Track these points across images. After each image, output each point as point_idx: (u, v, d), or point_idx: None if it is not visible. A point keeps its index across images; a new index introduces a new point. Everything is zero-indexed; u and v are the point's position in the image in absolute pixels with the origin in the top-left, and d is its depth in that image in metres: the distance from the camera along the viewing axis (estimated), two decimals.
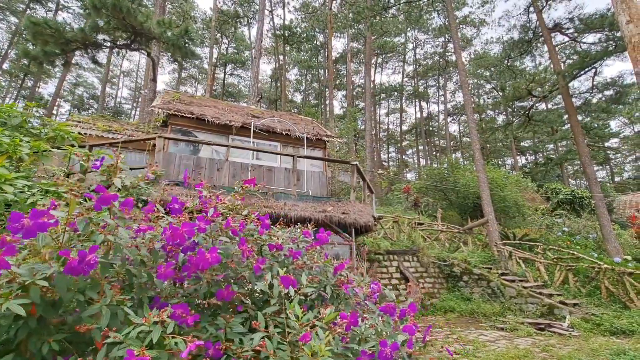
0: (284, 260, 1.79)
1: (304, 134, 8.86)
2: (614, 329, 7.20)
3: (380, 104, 54.92)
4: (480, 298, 10.59)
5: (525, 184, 26.53)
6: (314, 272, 1.85)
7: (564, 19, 18.23)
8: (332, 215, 6.17)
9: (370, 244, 11.92)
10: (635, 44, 8.14)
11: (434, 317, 10.12)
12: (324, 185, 8.81)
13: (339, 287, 1.83)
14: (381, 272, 11.18)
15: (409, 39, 46.90)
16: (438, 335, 7.71)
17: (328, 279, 1.82)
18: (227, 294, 1.38)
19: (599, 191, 14.96)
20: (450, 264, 11.93)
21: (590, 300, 8.98)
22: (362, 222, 6.36)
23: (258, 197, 6.23)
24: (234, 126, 8.25)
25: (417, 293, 11.06)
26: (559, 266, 10.22)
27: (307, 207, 6.24)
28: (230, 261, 1.39)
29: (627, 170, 53.27)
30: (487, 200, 13.05)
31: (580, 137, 15.72)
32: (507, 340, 7.14)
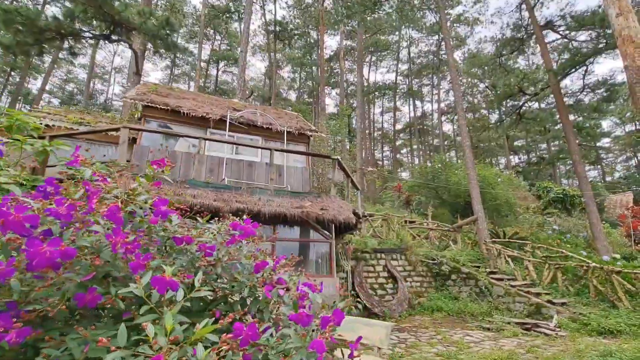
0: (193, 257, 1.49)
1: (284, 127, 8.54)
2: (601, 329, 7.01)
3: (374, 103, 54.76)
4: (468, 297, 10.38)
5: (517, 183, 26.51)
6: (231, 270, 1.55)
7: (556, 17, 18.12)
8: (309, 211, 5.88)
9: (357, 242, 11.65)
10: (625, 38, 7.95)
11: (421, 317, 9.89)
12: (307, 181, 8.51)
13: (260, 288, 1.52)
14: (368, 271, 10.91)
15: (403, 37, 46.71)
16: (423, 336, 7.47)
17: (246, 280, 1.51)
18: (91, 298, 1.08)
19: (589, 190, 14.85)
20: (439, 263, 11.71)
21: (579, 299, 8.81)
22: (342, 218, 6.07)
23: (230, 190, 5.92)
24: (212, 119, 7.90)
25: (404, 292, 10.83)
26: (547, 265, 10.04)
27: (283, 203, 5.94)
28: (95, 257, 1.08)
29: (618, 170, 53.70)
30: (476, 198, 12.86)
31: (572, 135, 15.61)
32: (492, 341, 6.92)
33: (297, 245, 6.37)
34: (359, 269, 10.59)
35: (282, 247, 6.19)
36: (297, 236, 6.65)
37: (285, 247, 6.21)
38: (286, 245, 6.22)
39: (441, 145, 50.43)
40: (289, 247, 6.27)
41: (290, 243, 6.27)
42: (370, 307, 9.76)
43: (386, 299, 10.65)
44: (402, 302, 10.44)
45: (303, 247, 6.50)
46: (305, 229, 6.70)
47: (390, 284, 11.02)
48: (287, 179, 8.46)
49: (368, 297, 10.03)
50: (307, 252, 6.51)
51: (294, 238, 6.27)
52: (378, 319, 9.70)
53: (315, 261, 6.55)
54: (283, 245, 6.18)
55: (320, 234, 6.52)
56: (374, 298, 10.18)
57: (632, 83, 7.57)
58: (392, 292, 10.88)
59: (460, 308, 9.75)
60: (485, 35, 54.32)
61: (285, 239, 6.20)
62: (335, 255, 10.13)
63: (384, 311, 9.76)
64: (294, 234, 6.55)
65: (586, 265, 9.01)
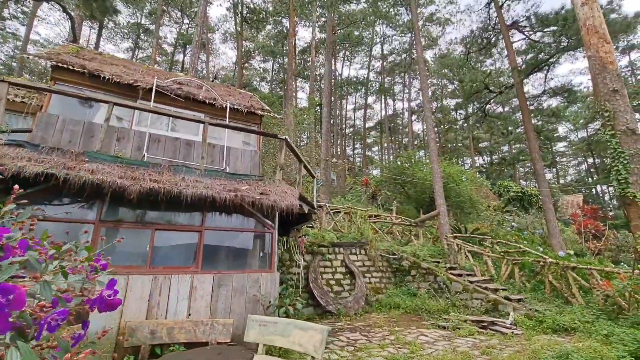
0: None
1: (227, 102, 7.52)
2: (556, 326, 6.74)
3: (347, 99, 54.41)
4: (426, 293, 9.97)
5: (480, 182, 27.15)
6: None
7: (521, 17, 18.35)
8: (245, 195, 4.98)
9: (314, 235, 10.90)
10: (589, 28, 7.74)
11: (377, 315, 9.33)
12: (257, 166, 7.56)
13: None
14: (324, 266, 10.20)
15: (377, 34, 46.59)
16: (375, 336, 6.84)
17: None
18: None
19: (546, 187, 15.12)
20: (400, 258, 11.25)
21: (534, 295, 8.62)
22: (285, 204, 5.24)
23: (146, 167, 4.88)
24: (141, 88, 6.71)
25: (362, 288, 10.25)
26: (505, 260, 9.85)
27: (213, 185, 5.00)
28: None
29: (570, 174, 57.33)
30: (439, 192, 12.55)
31: (532, 133, 15.81)
32: (446, 341, 6.41)
33: (230, 235, 5.44)
34: (314, 263, 9.84)
35: (212, 237, 5.24)
36: (239, 226, 5.71)
37: (215, 237, 5.27)
38: (217, 235, 5.28)
39: (410, 143, 51.12)
40: (220, 238, 5.34)
41: (222, 233, 5.33)
42: (324, 305, 9.06)
43: (342, 295, 10.00)
44: (358, 299, 9.84)
45: (238, 238, 5.58)
46: (248, 218, 5.78)
47: (347, 279, 10.38)
48: (233, 163, 7.47)
49: (322, 294, 9.31)
50: (244, 243, 5.61)
51: (223, 226, 5.33)
52: (332, 317, 9.04)
53: (256, 255, 5.66)
54: (212, 235, 5.24)
55: (260, 222, 5.64)
56: (329, 295, 9.48)
57: (595, 73, 7.34)
58: (349, 288, 10.25)
59: (418, 305, 9.30)
60: (455, 37, 55.56)
61: (213, 227, 5.25)
62: (288, 249, 9.33)
63: (339, 309, 9.09)
64: (234, 223, 5.61)
65: (543, 260, 8.85)
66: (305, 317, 8.80)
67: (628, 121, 6.73)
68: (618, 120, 6.81)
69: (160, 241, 4.82)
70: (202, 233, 5.09)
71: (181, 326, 4.38)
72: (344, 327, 7.68)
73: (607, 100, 7.04)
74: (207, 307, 4.71)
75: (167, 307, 4.47)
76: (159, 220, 4.88)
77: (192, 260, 4.96)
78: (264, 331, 4.38)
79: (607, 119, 6.95)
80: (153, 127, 7.15)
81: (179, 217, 5.06)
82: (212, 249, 5.17)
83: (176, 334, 4.30)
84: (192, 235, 5.05)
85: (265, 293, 5.20)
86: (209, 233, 5.20)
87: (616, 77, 7.07)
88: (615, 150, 6.71)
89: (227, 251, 5.36)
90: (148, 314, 4.35)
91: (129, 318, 4.20)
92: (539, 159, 15.83)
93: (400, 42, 46.70)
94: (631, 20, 15.84)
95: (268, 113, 8.10)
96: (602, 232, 19.99)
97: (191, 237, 5.05)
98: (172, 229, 4.95)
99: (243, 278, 5.13)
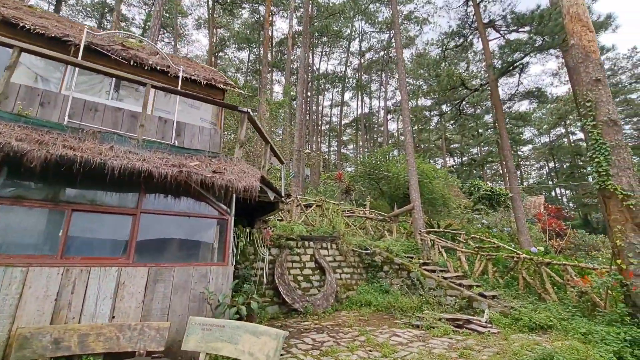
0: None
1: (188, 73, 6.51)
2: (532, 324, 6.41)
3: (324, 95, 53.74)
4: (399, 290, 9.48)
5: (452, 180, 27.50)
6: None
7: (498, 16, 18.46)
8: (192, 171, 4.08)
9: (283, 227, 10.09)
10: (573, 15, 7.49)
11: (348, 313, 8.71)
12: (217, 146, 6.63)
13: None
14: (292, 261, 9.43)
15: (356, 30, 46.24)
16: (344, 337, 6.18)
17: None
18: None
19: (517, 185, 15.23)
20: (372, 253, 10.71)
21: (508, 291, 8.35)
22: (242, 185, 4.40)
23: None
24: (72, 43, 5.54)
25: (332, 285, 9.59)
26: (479, 256, 9.57)
27: (152, 158, 4.06)
28: None
29: (533, 177, 60.35)
30: (414, 186, 12.15)
31: (505, 130, 15.89)
32: (421, 342, 5.87)
33: (175, 221, 4.51)
34: (281, 258, 9.04)
35: (151, 222, 4.29)
36: (187, 210, 4.77)
37: (155, 223, 4.33)
38: (157, 221, 4.33)
39: (385, 142, 51.38)
40: (162, 224, 4.40)
41: (163, 218, 4.39)
42: (291, 303, 8.30)
43: (311, 292, 9.29)
44: (328, 297, 9.16)
45: (185, 225, 4.65)
46: (199, 202, 4.86)
47: (317, 275, 9.68)
48: (188, 142, 6.49)
49: (289, 291, 8.54)
50: (193, 231, 4.69)
51: (165, 210, 4.39)
52: (298, 316, 8.30)
53: (208, 245, 4.76)
54: (152, 221, 4.29)
55: (213, 207, 4.75)
56: (296, 292, 8.73)
57: (577, 62, 7.07)
58: (319, 285, 9.55)
59: (391, 302, 8.78)
60: (432, 37, 56.65)
61: (152, 210, 4.30)
62: (253, 241, 8.46)
63: (306, 307, 8.37)
64: (181, 207, 4.67)
65: (517, 256, 8.62)
66: (270, 316, 8.00)
67: (610, 112, 6.50)
68: (600, 111, 6.56)
69: (79, 225, 3.82)
70: (137, 217, 4.13)
71: (100, 332, 3.44)
72: (311, 328, 6.97)
73: (589, 90, 6.79)
74: (139, 308, 3.79)
75: (82, 308, 3.50)
76: (78, 200, 3.87)
77: (123, 250, 4.00)
78: (207, 337, 3.53)
79: (589, 109, 6.69)
80: (91, 94, 6.02)
81: (107, 197, 4.06)
82: (149, 237, 4.23)
83: (92, 343, 3.35)
84: (124, 220, 4.08)
85: (216, 290, 4.34)
86: (147, 217, 4.24)
87: (599, 67, 6.84)
88: (597, 142, 6.45)
89: (170, 240, 4.42)
90: (54, 318, 3.36)
91: (24, 323, 3.21)
92: (511, 157, 15.96)
93: (379, 39, 46.69)
94: (604, 21, 16.33)
95: (232, 88, 7.16)
96: (565, 231, 20.77)
97: (123, 221, 4.07)
98: (97, 211, 3.95)
99: (187, 272, 4.24)
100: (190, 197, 4.62)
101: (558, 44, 13.65)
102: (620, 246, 5.93)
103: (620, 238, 5.92)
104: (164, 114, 6.78)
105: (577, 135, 48.84)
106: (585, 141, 7.37)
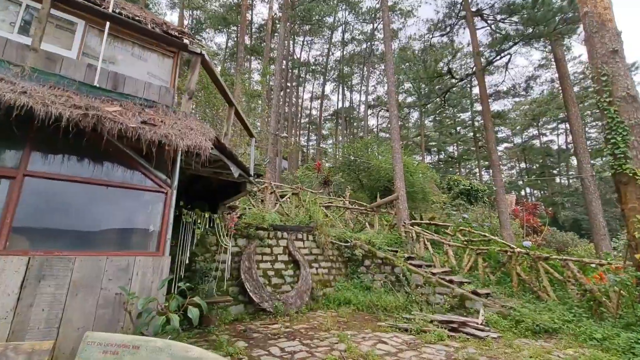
0: None
1: (133, 15, 5.04)
2: (535, 327, 5.57)
3: (304, 86, 52.15)
4: (382, 287, 8.51)
5: (431, 175, 27.17)
6: None
7: (486, 4, 17.88)
8: (106, 117, 2.76)
9: (253, 216, 8.81)
10: None
11: (324, 313, 7.62)
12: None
13: None
14: (263, 253, 8.19)
15: (339, 21, 44.96)
16: (320, 345, 5.06)
17: None
18: None
19: (500, 178, 14.74)
20: (352, 246, 9.67)
21: (501, 289, 7.58)
22: (185, 144, 3.12)
23: None
24: None
25: (307, 281, 8.46)
26: (468, 250, 8.76)
27: (41, 92, 2.70)
28: None
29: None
30: (399, 174, 11.21)
31: (490, 122, 15.35)
32: (413, 350, 4.85)
33: (83, 192, 3.13)
34: (250, 249, 7.78)
35: (47, 190, 2.92)
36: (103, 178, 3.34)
37: (54, 191, 2.95)
38: (55, 189, 2.96)
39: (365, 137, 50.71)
40: (64, 194, 3.02)
41: (65, 186, 3.01)
42: (258, 302, 7.07)
43: (283, 289, 8.10)
44: (302, 294, 8.02)
45: (100, 198, 3.28)
46: (128, 169, 3.49)
47: (290, 270, 8.50)
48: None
49: (256, 288, 7.31)
50: (115, 208, 3.34)
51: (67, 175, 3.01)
52: (267, 317, 7.10)
53: (133, 228, 3.41)
54: (45, 189, 2.91)
55: (145, 174, 3.42)
56: (265, 289, 7.51)
57: (592, 32, 6.26)
58: (292, 280, 8.39)
59: (373, 301, 7.78)
60: (414, 32, 56.62)
61: (45, 173, 2.91)
62: (217, 230, 7.11)
63: (277, 306, 7.18)
64: (97, 173, 3.28)
65: (510, 250, 7.85)
66: (232, 318, 6.75)
67: (628, 86, 5.73)
68: (617, 85, 5.79)
69: None
70: (17, 182, 2.75)
71: None
72: (280, 332, 5.79)
73: (604, 62, 6.00)
74: (6, 319, 2.45)
75: None
76: None
77: None
78: None
79: (604, 83, 5.91)
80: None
81: None
82: (40, 214, 2.87)
83: None
84: None
85: (142, 290, 3.05)
86: (37, 184, 2.87)
87: (615, 37, 6.07)
88: (613, 120, 5.68)
89: (77, 219, 3.06)
90: None
91: None
92: (495, 150, 15.46)
93: (362, 31, 45.71)
94: None
95: (190, 39, 5.73)
96: (540, 228, 20.85)
97: None
98: None
99: (97, 264, 2.91)
100: (110, 159, 3.26)
101: (549, 33, 13.09)
102: (638, 238, 5.17)
103: (639, 229, 5.15)
104: (94, 60, 5.27)
105: (548, 137, 50.58)
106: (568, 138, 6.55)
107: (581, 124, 14.65)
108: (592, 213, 12.96)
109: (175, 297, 2.78)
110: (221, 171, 5.69)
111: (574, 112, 14.24)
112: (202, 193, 7.48)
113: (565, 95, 14.43)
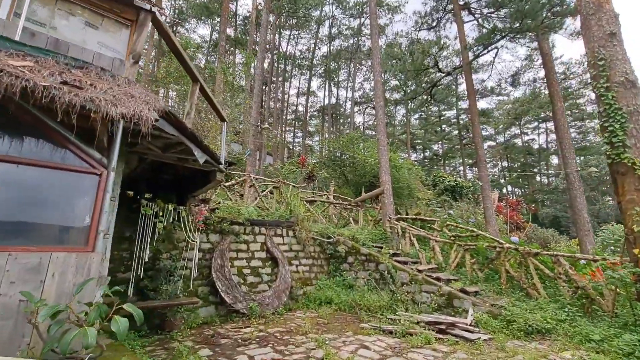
0: None
1: None
2: (528, 327, 5.19)
3: (290, 82, 51.23)
4: (365, 285, 8.02)
5: (417, 171, 27.04)
6: None
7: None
8: (10, 73, 2.09)
9: (228, 209, 8.15)
10: None
11: (303, 314, 7.07)
12: None
13: None
14: (238, 250, 7.55)
15: (326, 15, 44.27)
16: (295, 352, 4.50)
17: None
18: None
19: (486, 174, 14.55)
20: (335, 242, 9.15)
21: (489, 286, 7.22)
22: (120, 112, 2.48)
23: None
24: None
25: (286, 279, 7.87)
26: (455, 246, 8.38)
27: None
28: None
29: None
30: (385, 167, 10.76)
31: (477, 117, 15.13)
32: (398, 357, 4.36)
33: None
34: (223, 246, 7.13)
35: None
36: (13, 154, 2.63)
37: None
38: None
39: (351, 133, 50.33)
40: None
41: None
42: (231, 303, 6.46)
43: (259, 289, 7.49)
44: (280, 294, 7.44)
45: (14, 180, 2.59)
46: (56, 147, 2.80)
47: (268, 268, 7.90)
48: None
49: (229, 288, 6.68)
50: (30, 192, 2.64)
51: None
52: (240, 320, 6.48)
53: (56, 216, 2.72)
54: None
55: (72, 151, 2.75)
56: (240, 288, 6.88)
57: (588, 14, 5.90)
58: (270, 279, 7.79)
59: (355, 300, 7.28)
60: (402, 29, 56.65)
61: None
62: (183, 223, 6.43)
63: (251, 307, 6.57)
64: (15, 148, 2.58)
65: (499, 246, 7.51)
66: (201, 321, 6.10)
67: (627, 71, 5.39)
68: (615, 70, 5.46)
69: None
70: None
71: None
72: (252, 337, 5.20)
73: (601, 46, 5.66)
74: None
75: None
76: None
77: None
78: None
79: (601, 68, 5.56)
80: None
81: None
82: None
83: None
84: None
85: (59, 296, 2.40)
86: None
87: (613, 19, 5.73)
88: (611, 107, 5.34)
89: None
90: None
91: None
92: (481, 145, 15.27)
93: (349, 26, 45.20)
94: None
95: (160, 10, 4.98)
96: (523, 224, 20.97)
97: None
98: None
99: None
100: (29, 132, 2.58)
101: (537, 26, 12.88)
102: (637, 232, 4.83)
103: (638, 222, 4.82)
104: (37, 26, 4.49)
105: (529, 136, 51.59)
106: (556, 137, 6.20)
107: (566, 119, 14.61)
108: (577, 209, 12.91)
109: (98, 305, 2.15)
110: (186, 157, 5.01)
111: (559, 107, 14.17)
112: (170, 184, 6.77)
113: (551, 90, 14.34)
